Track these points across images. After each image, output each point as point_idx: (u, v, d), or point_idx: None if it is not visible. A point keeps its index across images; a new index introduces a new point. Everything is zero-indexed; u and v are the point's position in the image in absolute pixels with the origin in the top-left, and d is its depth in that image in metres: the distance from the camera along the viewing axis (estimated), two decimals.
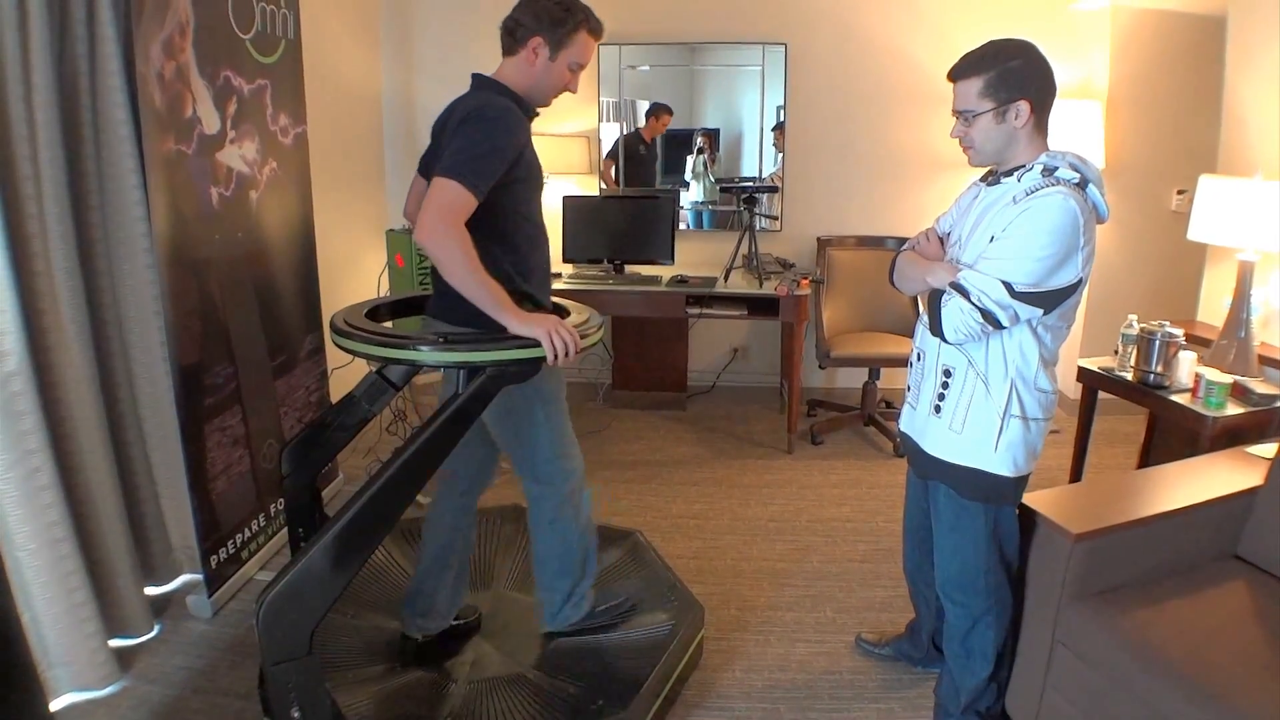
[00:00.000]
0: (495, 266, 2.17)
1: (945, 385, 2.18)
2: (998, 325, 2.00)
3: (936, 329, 2.08)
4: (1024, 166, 2.05)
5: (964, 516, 2.23)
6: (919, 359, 2.30)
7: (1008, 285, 1.95)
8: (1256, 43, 3.38)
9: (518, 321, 2.04)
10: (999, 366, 2.09)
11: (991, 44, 2.04)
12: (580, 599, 2.64)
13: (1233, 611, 2.17)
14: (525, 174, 2.24)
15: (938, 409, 2.20)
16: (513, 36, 2.26)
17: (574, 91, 2.37)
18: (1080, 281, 2.01)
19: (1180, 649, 1.98)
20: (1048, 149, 2.07)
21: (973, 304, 1.98)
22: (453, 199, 2.04)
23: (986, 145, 2.07)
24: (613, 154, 5.27)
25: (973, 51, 2.05)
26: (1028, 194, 1.98)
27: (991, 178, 2.14)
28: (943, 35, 4.83)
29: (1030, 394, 2.11)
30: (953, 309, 2.02)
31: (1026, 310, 1.98)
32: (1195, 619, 2.10)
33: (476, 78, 2.31)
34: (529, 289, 2.31)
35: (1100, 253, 4.90)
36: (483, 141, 2.10)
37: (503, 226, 2.25)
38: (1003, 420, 2.10)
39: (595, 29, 2.31)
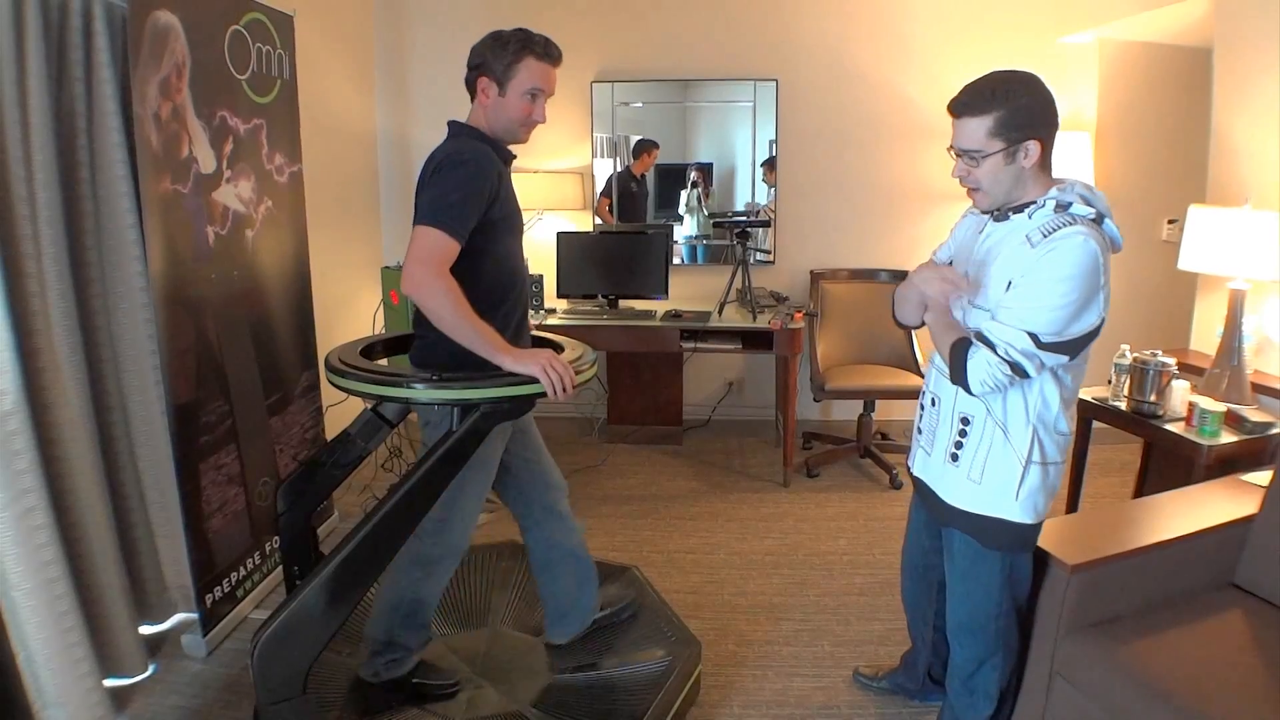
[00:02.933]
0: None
1: (963, 434, 2.11)
2: (1025, 376, 1.93)
3: (960, 380, 1.99)
4: (1034, 203, 1.98)
5: (980, 563, 2.18)
6: (933, 404, 2.22)
7: (1033, 336, 1.89)
8: (1243, 73, 3.42)
9: (512, 359, 2.06)
10: (1019, 414, 2.03)
11: (997, 77, 1.95)
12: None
13: (1231, 640, 2.16)
14: (500, 216, 2.24)
15: (955, 457, 2.14)
16: (467, 83, 2.31)
17: (541, 121, 2.31)
18: (1102, 323, 1.96)
19: (1179, 679, 1.97)
20: (1055, 182, 2.01)
21: (1000, 357, 1.91)
22: (433, 246, 2.07)
23: (996, 188, 1.99)
24: (607, 191, 5.30)
25: (978, 85, 1.95)
26: (1044, 235, 1.91)
27: (999, 212, 2.06)
28: (933, 70, 4.87)
29: (1050, 438, 2.06)
30: (979, 362, 1.94)
31: (1052, 359, 1.93)
32: (1193, 648, 2.10)
33: (451, 124, 2.34)
34: (506, 338, 2.22)
35: None
36: (458, 187, 2.13)
37: (474, 269, 2.24)
38: (1024, 468, 2.04)
39: (541, 53, 2.26)
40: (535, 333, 2.59)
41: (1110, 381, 3.36)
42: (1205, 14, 3.87)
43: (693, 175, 5.26)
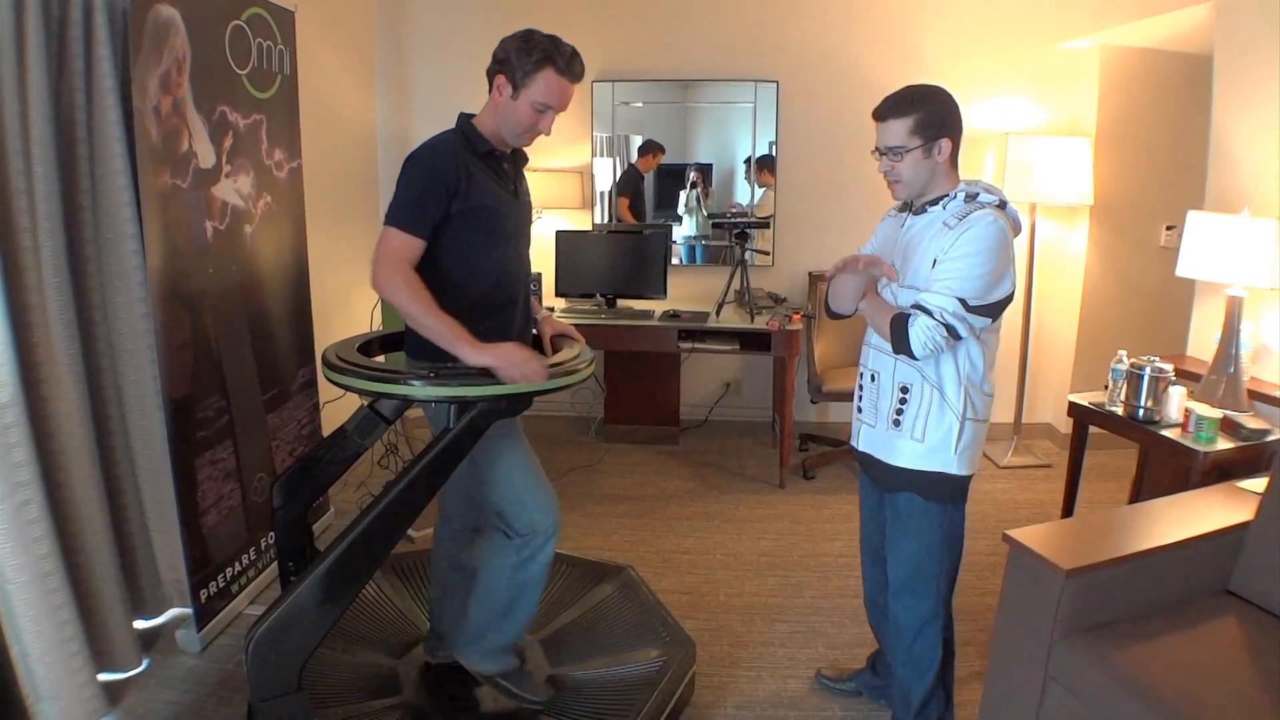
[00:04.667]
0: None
1: (904, 401, 2.33)
2: (957, 337, 2.18)
3: (904, 347, 2.21)
4: (947, 195, 2.26)
5: (923, 518, 2.37)
6: (873, 380, 2.43)
7: (962, 301, 2.14)
8: (1242, 80, 3.43)
9: (474, 352, 2.06)
10: (952, 376, 2.27)
11: (912, 89, 2.25)
12: (490, 653, 2.52)
13: (1225, 647, 2.16)
14: (463, 211, 2.19)
15: (897, 423, 2.35)
16: (487, 73, 2.27)
17: (546, 134, 2.30)
18: (1013, 292, 2.23)
19: (1173, 685, 1.97)
20: (960, 180, 2.29)
21: (936, 321, 2.15)
22: (393, 245, 2.12)
23: (915, 179, 2.26)
24: (625, 189, 5.30)
25: (898, 95, 2.25)
26: (959, 219, 2.18)
27: (916, 207, 2.33)
28: (933, 74, 4.85)
29: (979, 397, 2.30)
30: (919, 328, 2.16)
31: (979, 321, 2.18)
32: (1188, 655, 2.10)
33: (459, 117, 2.32)
34: (483, 339, 2.17)
35: (1091, 289, 4.97)
36: (412, 183, 2.15)
37: (444, 267, 2.23)
38: (960, 424, 2.27)
39: (565, 69, 2.21)
40: (553, 319, 2.62)
41: (1107, 387, 3.35)
42: (1205, 21, 3.87)
43: (692, 176, 5.26)
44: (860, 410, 2.51)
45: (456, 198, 2.16)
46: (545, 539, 2.39)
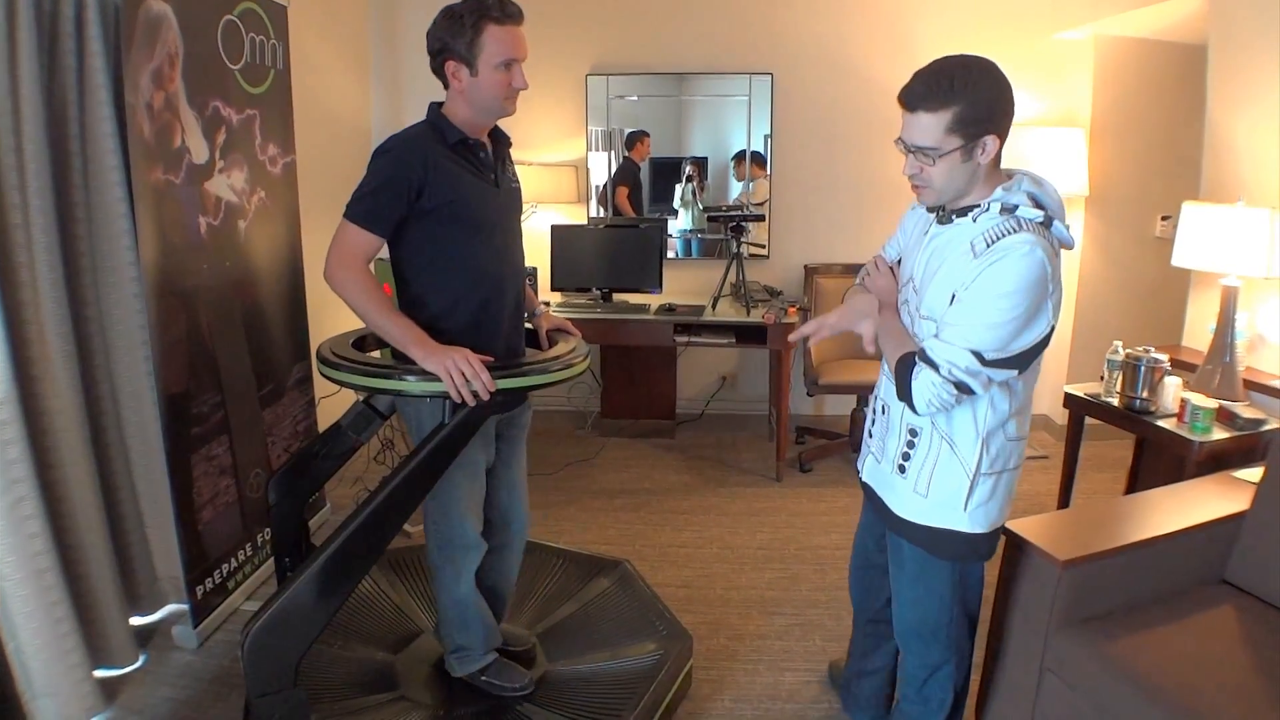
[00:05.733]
0: (415, 313, 2.17)
1: (911, 445, 2.04)
2: (972, 393, 1.85)
3: (906, 399, 1.91)
4: (979, 206, 1.85)
5: (930, 571, 2.12)
6: (883, 412, 2.15)
7: (977, 354, 1.79)
8: (1237, 70, 3.42)
9: (423, 355, 2.03)
10: (967, 427, 1.95)
11: (952, 64, 1.79)
12: (464, 659, 2.55)
13: (1222, 637, 2.17)
14: (434, 207, 2.13)
15: (902, 469, 2.07)
16: (434, 70, 2.18)
17: (523, 87, 2.15)
18: (1052, 330, 1.84)
19: (1170, 675, 1.98)
20: (1003, 176, 1.89)
21: (944, 378, 1.82)
22: (347, 239, 2.10)
23: (949, 186, 1.86)
24: (624, 179, 5.29)
25: (935, 73, 1.79)
26: (988, 244, 1.80)
27: (943, 213, 1.93)
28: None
29: (1002, 447, 1.98)
30: (923, 383, 1.85)
31: (1000, 374, 1.84)
32: (1184, 645, 2.10)
33: (429, 107, 2.25)
34: (464, 338, 2.17)
35: (1086, 279, 4.96)
36: (372, 177, 2.11)
37: (419, 265, 2.21)
38: (972, 481, 1.97)
39: (500, 16, 2.08)
40: (550, 314, 2.61)
41: (1103, 377, 3.36)
42: (1200, 10, 3.87)
43: (687, 169, 5.25)
44: (870, 436, 2.24)
45: (423, 195, 2.10)
46: (464, 554, 2.39)
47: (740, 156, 5.19)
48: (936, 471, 2.00)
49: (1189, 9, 4.02)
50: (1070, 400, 3.47)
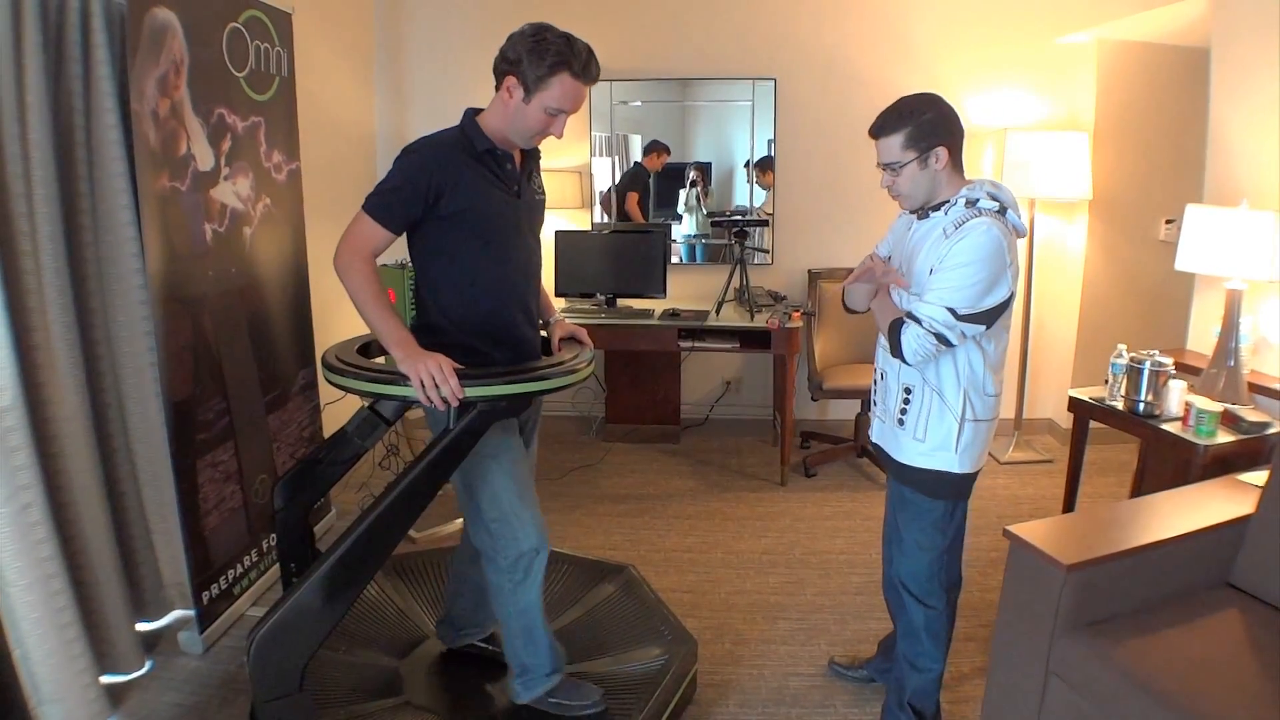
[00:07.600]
0: (426, 314, 2.23)
1: (907, 400, 2.41)
2: (949, 344, 2.24)
3: (897, 353, 2.29)
4: (949, 201, 2.29)
5: (929, 514, 2.44)
6: (882, 378, 2.52)
7: (951, 310, 2.19)
8: (1240, 73, 3.42)
9: (401, 354, 2.05)
10: (951, 380, 2.33)
11: (904, 101, 2.29)
12: (534, 682, 2.45)
13: (1227, 640, 2.17)
14: (453, 213, 2.15)
15: (901, 421, 2.43)
16: (495, 71, 2.19)
17: (558, 137, 2.24)
18: (1012, 296, 2.26)
19: (1175, 679, 1.97)
20: (966, 182, 2.31)
21: (925, 330, 2.21)
22: (359, 228, 2.13)
23: (915, 191, 2.31)
24: (634, 185, 5.28)
25: (889, 111, 2.29)
26: (956, 227, 2.22)
27: (921, 211, 2.37)
28: (931, 70, 4.87)
29: (980, 399, 2.34)
30: (910, 336, 2.24)
31: (971, 329, 2.22)
32: (1190, 648, 2.10)
33: (465, 113, 2.27)
34: (473, 343, 2.21)
35: (1090, 283, 4.97)
36: (396, 175, 2.14)
37: (434, 270, 2.24)
38: (960, 425, 2.33)
39: (581, 72, 2.14)
40: (564, 322, 2.58)
41: (1107, 381, 3.35)
42: (1203, 14, 3.87)
43: (691, 174, 5.26)
44: (875, 404, 2.59)
45: (441, 200, 2.13)
46: (532, 558, 2.31)
47: (763, 164, 5.18)
48: (930, 419, 2.37)
49: (1191, 12, 4.02)
50: (1075, 404, 3.46)
